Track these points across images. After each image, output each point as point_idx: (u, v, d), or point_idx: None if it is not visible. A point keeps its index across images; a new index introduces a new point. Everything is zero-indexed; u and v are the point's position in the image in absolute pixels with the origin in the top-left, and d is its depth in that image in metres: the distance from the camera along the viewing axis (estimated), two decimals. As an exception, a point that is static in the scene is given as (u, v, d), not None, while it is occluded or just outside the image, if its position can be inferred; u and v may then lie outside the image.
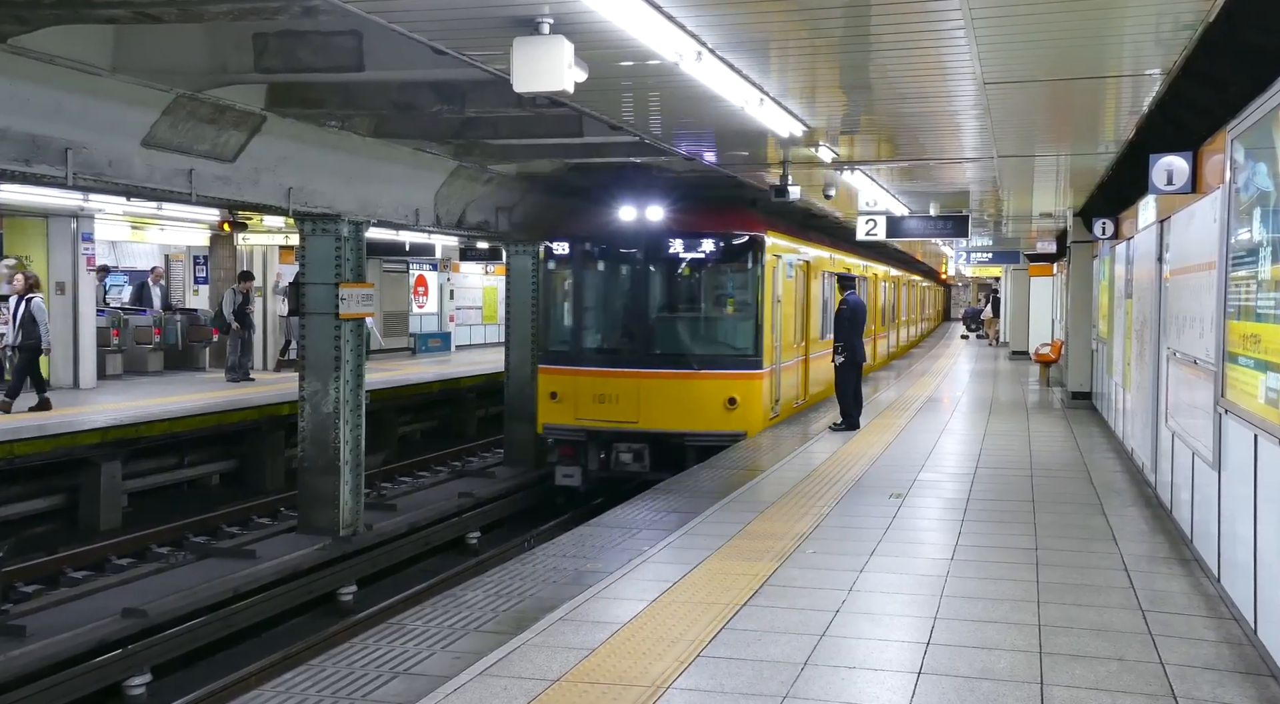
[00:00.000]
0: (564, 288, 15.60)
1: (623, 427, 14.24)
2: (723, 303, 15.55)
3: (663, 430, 14.08)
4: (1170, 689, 5.24)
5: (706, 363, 14.39)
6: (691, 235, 14.66)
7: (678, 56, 6.57)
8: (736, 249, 14.85)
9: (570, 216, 15.72)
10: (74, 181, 8.99)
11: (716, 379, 14.26)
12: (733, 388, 14.24)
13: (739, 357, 14.66)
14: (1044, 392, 21.64)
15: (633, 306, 14.97)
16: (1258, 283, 5.75)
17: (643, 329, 14.77)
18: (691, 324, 15.45)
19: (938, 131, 10.54)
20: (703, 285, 15.39)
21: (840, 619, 6.33)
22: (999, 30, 6.39)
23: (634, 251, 14.90)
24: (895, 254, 31.95)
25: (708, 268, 15.15)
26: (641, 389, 14.25)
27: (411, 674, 5.45)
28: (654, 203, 14.57)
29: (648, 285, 14.95)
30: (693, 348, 14.85)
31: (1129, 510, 9.64)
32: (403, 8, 5.98)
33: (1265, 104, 5.67)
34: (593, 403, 14.41)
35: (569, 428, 14.55)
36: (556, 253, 15.32)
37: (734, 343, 15.04)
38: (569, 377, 14.73)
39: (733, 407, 14.11)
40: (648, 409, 14.16)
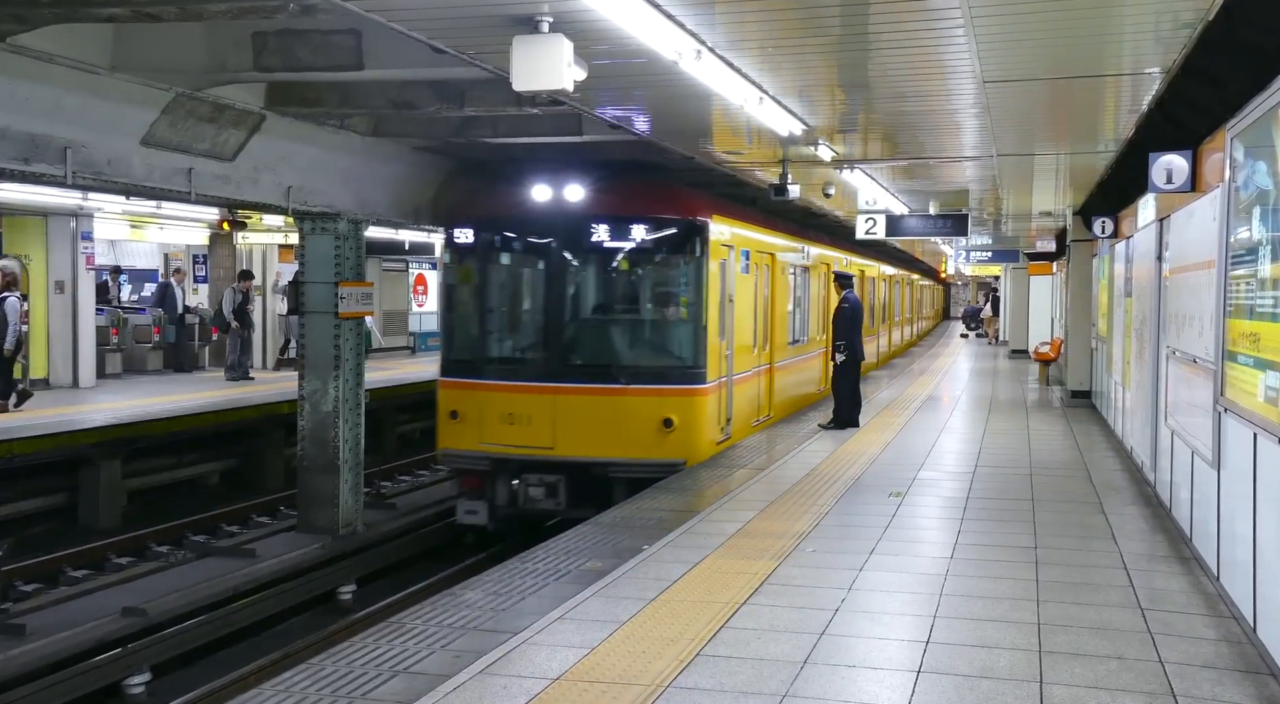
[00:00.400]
0: (465, 285, 13.15)
1: (535, 454, 11.86)
2: (657, 303, 12.84)
3: (583, 458, 11.71)
4: (1170, 688, 5.24)
5: (637, 376, 11.98)
6: (617, 220, 12.12)
7: (677, 55, 6.57)
8: (673, 237, 12.37)
9: (471, 198, 13.19)
10: (73, 180, 8.99)
11: (649, 396, 11.85)
12: (669, 406, 11.83)
13: (677, 368, 12.25)
14: (1043, 390, 21.65)
15: (546, 307, 12.56)
16: (1257, 281, 5.75)
17: (559, 335, 12.45)
18: (618, 329, 12.80)
19: (937, 130, 10.54)
20: (632, 281, 12.83)
21: (840, 618, 6.33)
22: (999, 29, 6.38)
23: (548, 240, 12.41)
24: (891, 251, 30.38)
25: (638, 260, 12.57)
26: (558, 408, 11.89)
27: (411, 673, 5.45)
28: (572, 180, 12.10)
29: (564, 281, 12.54)
30: (620, 358, 12.43)
31: (1128, 509, 9.65)
32: (402, 6, 5.98)
33: (1265, 102, 5.67)
34: (499, 424, 12.03)
35: (472, 454, 12.17)
36: (458, 241, 12.84)
37: (671, 351, 12.66)
38: (471, 392, 12.34)
39: (669, 429, 11.71)
40: (565, 432, 11.83)
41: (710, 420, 12.38)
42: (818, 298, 19.22)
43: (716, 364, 12.47)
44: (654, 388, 11.94)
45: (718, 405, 12.65)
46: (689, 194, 12.89)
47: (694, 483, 10.71)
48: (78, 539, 12.31)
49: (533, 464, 11.88)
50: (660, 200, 12.46)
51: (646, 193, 12.56)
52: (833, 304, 18.99)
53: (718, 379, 12.55)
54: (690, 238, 12.28)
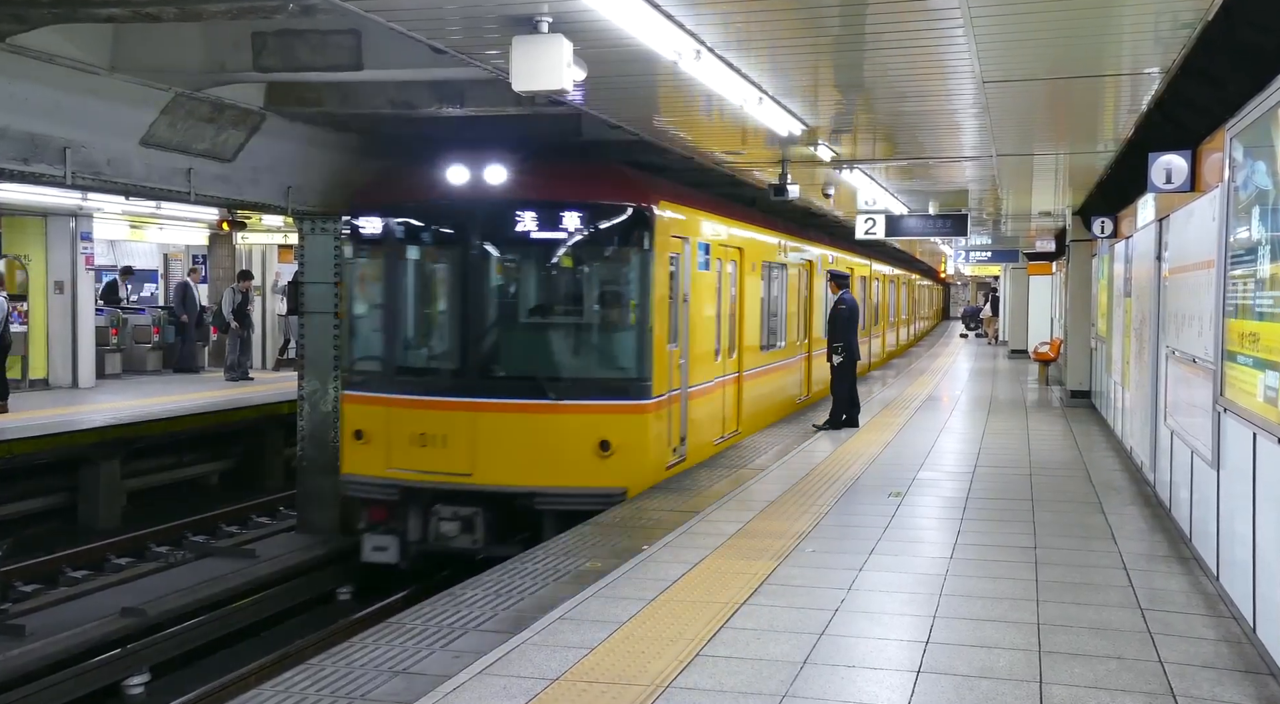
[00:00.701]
0: (370, 283, 11.39)
1: (452, 481, 10.21)
2: (593, 304, 11.04)
3: (505, 487, 10.06)
4: (1169, 687, 5.24)
5: (569, 390, 10.27)
6: (546, 206, 10.40)
7: (676, 55, 6.57)
8: (613, 226, 10.55)
9: (377, 182, 11.36)
10: (73, 180, 8.99)
11: (582, 414, 10.17)
12: (607, 426, 10.14)
13: (617, 381, 10.51)
14: (1043, 390, 21.66)
15: (463, 310, 10.74)
16: (1256, 281, 5.75)
17: (478, 343, 10.68)
18: (548, 335, 11.02)
19: (937, 130, 10.54)
20: (565, 279, 11.15)
21: (839, 618, 6.33)
22: (998, 29, 6.38)
23: (465, 231, 10.66)
24: (887, 249, 29.05)
25: (572, 253, 10.78)
26: (477, 428, 10.21)
27: (411, 673, 5.44)
28: (493, 160, 10.42)
29: (484, 279, 10.71)
30: (549, 369, 10.60)
31: (1128, 509, 9.65)
32: (401, 6, 5.98)
33: (1264, 102, 5.67)
34: (410, 446, 10.36)
35: (378, 481, 10.47)
36: (363, 232, 10.99)
37: (610, 361, 10.88)
38: (379, 408, 10.62)
39: (607, 453, 10.07)
40: (487, 456, 10.16)
41: (657, 441, 10.64)
42: (799, 298, 17.81)
43: (666, 375, 10.74)
44: (589, 404, 10.23)
45: (667, 423, 10.87)
46: (632, 176, 11.10)
47: (693, 483, 10.70)
48: (77, 540, 12.31)
49: (448, 493, 10.20)
50: (597, 183, 10.75)
51: (581, 175, 10.86)
52: (815, 304, 18.45)
53: (667, 393, 10.80)
54: (633, 227, 10.45)
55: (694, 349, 11.67)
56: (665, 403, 10.79)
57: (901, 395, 19.95)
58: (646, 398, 10.40)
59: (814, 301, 18.72)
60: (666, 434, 10.91)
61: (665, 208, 10.83)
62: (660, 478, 10.64)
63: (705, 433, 12.28)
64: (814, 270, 18.62)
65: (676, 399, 11.17)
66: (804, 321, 18.21)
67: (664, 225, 10.71)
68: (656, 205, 10.61)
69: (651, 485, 10.35)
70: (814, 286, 18.68)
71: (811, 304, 18.56)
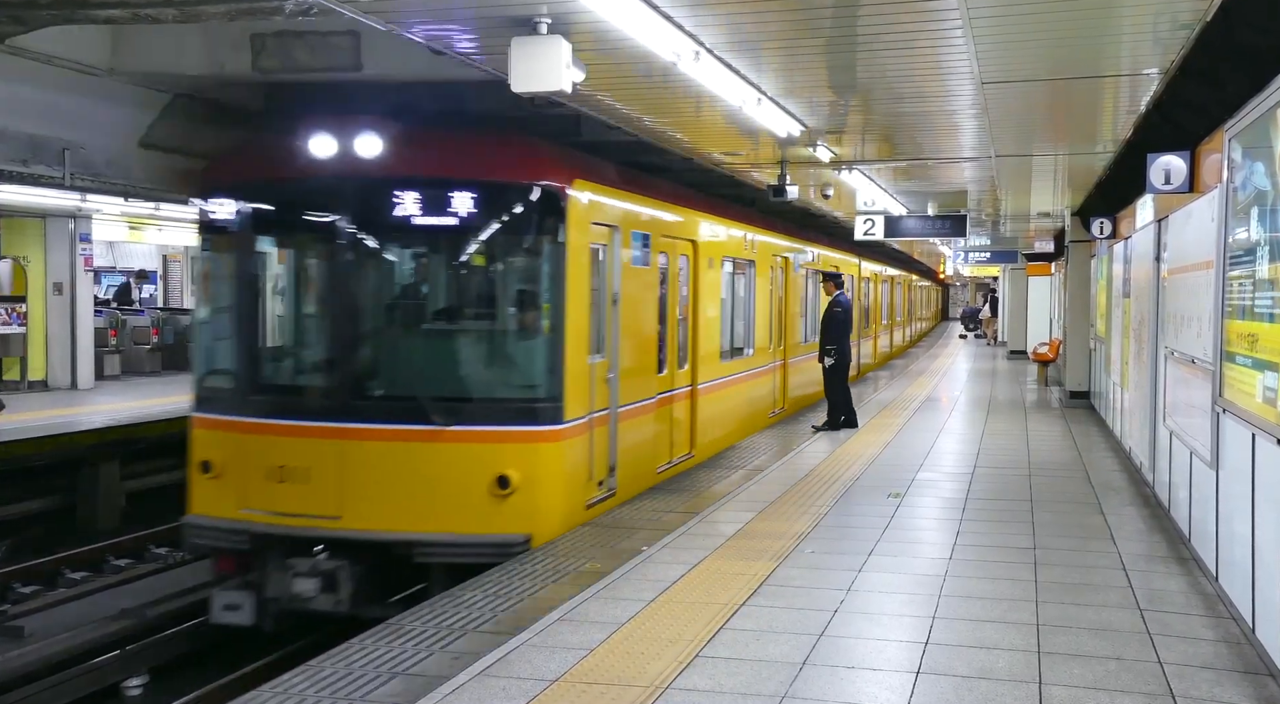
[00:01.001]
0: (222, 281, 9.33)
1: (315, 526, 8.29)
2: (490, 307, 9.12)
3: (380, 535, 8.21)
4: (1169, 688, 5.24)
5: (461, 414, 8.33)
6: (431, 185, 8.51)
7: (675, 56, 6.57)
8: (513, 210, 8.64)
9: (232, 156, 9.30)
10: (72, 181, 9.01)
11: (477, 442, 8.33)
12: (506, 457, 8.28)
13: (520, 402, 8.58)
14: (1042, 391, 21.66)
15: (331, 314, 8.86)
16: (1255, 282, 5.76)
17: (348, 354, 8.63)
18: (434, 345, 9.15)
19: (935, 131, 10.55)
20: (455, 276, 9.31)
21: (839, 619, 6.33)
22: (997, 30, 6.39)
23: (334, 216, 8.61)
24: (882, 247, 26.80)
25: (464, 243, 8.88)
26: (347, 460, 8.32)
27: (410, 675, 5.44)
28: (367, 129, 8.48)
29: (356, 275, 8.72)
30: (436, 388, 8.60)
31: (1127, 510, 9.65)
32: (400, 8, 5.98)
33: (1263, 103, 5.67)
34: (267, 482, 8.46)
35: (227, 525, 8.53)
36: (211, 218, 9.03)
37: (512, 378, 8.89)
38: (230, 435, 8.73)
39: (505, 491, 8.19)
40: (358, 496, 8.28)
41: (571, 475, 8.77)
42: (771, 299, 15.89)
43: (585, 393, 8.91)
44: (484, 431, 8.36)
45: (588, 452, 8.99)
46: (541, 148, 9.13)
47: (692, 484, 10.70)
48: (76, 541, 12.30)
49: (312, 541, 8.27)
50: (495, 156, 8.80)
51: (477, 146, 8.87)
52: (792, 305, 17.02)
53: (587, 415, 8.93)
54: (540, 211, 8.57)
55: (627, 361, 9.81)
56: (584, 427, 8.85)
57: (900, 396, 19.95)
58: (557, 422, 8.50)
59: (790, 303, 17.11)
60: (587, 465, 8.99)
61: (583, 188, 8.94)
62: (579, 519, 8.82)
63: (644, 460, 10.41)
64: (790, 268, 16.97)
65: (603, 422, 9.31)
66: (782, 324, 16.59)
67: (582, 210, 8.88)
68: (571, 185, 8.72)
69: (567, 530, 8.54)
70: (790, 286, 17.04)
71: (787, 306, 16.92)
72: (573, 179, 8.81)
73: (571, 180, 8.77)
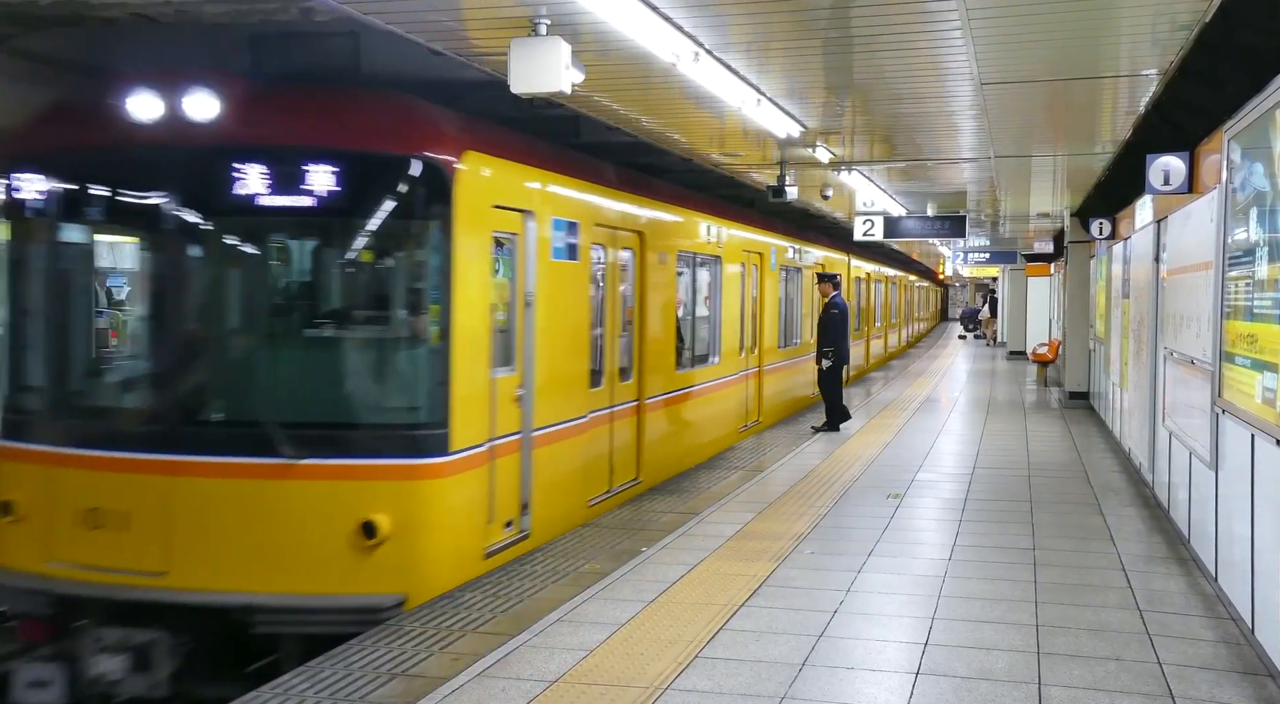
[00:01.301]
0: (27, 275, 7.37)
1: (135, 584, 6.55)
2: (358, 310, 7.20)
3: (215, 596, 6.49)
4: (1168, 689, 5.24)
5: (316, 444, 6.65)
6: (278, 156, 6.75)
7: (674, 57, 6.57)
8: (386, 189, 6.87)
9: (41, 120, 7.38)
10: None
11: (336, 479, 6.66)
12: (373, 498, 6.63)
13: (393, 428, 6.90)
14: (1041, 392, 21.67)
15: (154, 318, 7.22)
16: (1254, 282, 5.76)
17: (177, 369, 6.90)
18: (285, 358, 7.31)
19: (935, 132, 10.55)
20: (313, 271, 7.53)
21: (838, 620, 6.33)
22: (996, 31, 6.39)
23: (159, 195, 6.83)
24: (876, 245, 24.42)
25: (322, 230, 7.23)
26: (174, 502, 6.62)
27: (409, 675, 5.45)
28: (199, 84, 6.77)
29: (188, 272, 6.96)
30: (285, 411, 6.86)
31: (1126, 510, 9.65)
32: (400, 9, 5.98)
33: (1262, 104, 5.67)
34: (76, 529, 6.75)
35: (29, 583, 6.82)
36: (18, 196, 7.22)
37: (383, 398, 7.11)
38: (33, 469, 6.98)
39: (373, 541, 6.55)
40: (187, 547, 6.59)
41: (462, 518, 7.10)
42: (742, 299, 14.27)
43: (481, 415, 7.22)
44: (346, 465, 6.65)
45: (487, 487, 7.30)
46: (419, 110, 7.28)
47: (692, 485, 10.70)
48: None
49: (127, 607, 6.49)
50: (362, 120, 7.02)
51: (339, 107, 7.07)
52: (767, 306, 15.49)
53: (485, 441, 7.23)
54: (418, 190, 6.86)
55: (547, 374, 8.19)
56: (480, 458, 7.20)
57: (900, 397, 19.96)
58: (441, 453, 6.81)
59: (766, 303, 15.48)
60: (486, 504, 7.33)
61: (480, 162, 7.29)
62: (474, 572, 7.17)
63: (569, 493, 8.75)
64: (765, 264, 15.29)
65: (511, 449, 7.65)
66: (756, 328, 14.92)
67: (478, 189, 7.23)
68: (462, 158, 7.01)
69: (457, 585, 6.95)
70: (767, 285, 15.47)
71: (763, 307, 15.35)
72: (464, 150, 7.08)
73: (462, 152, 7.05)
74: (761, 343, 15.24)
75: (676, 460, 11.42)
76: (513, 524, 7.78)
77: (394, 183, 6.87)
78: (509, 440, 7.65)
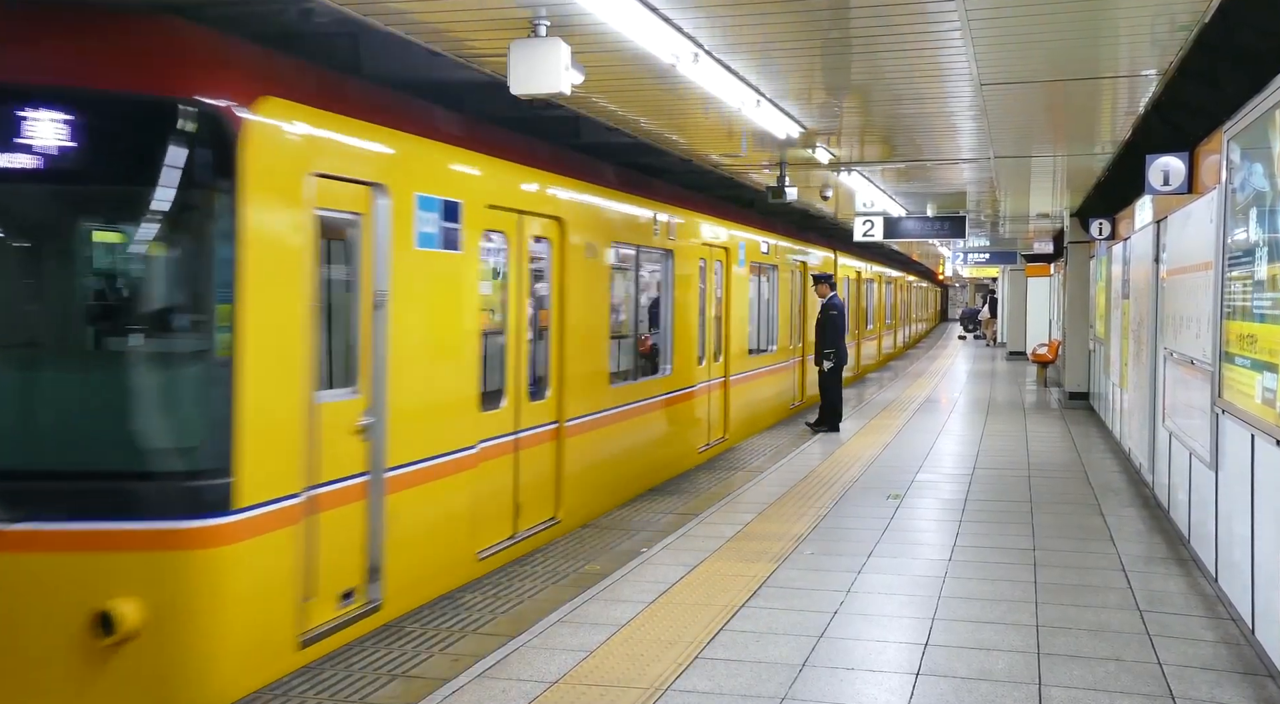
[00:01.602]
0: None
1: None
2: (108, 313, 5.54)
3: None
4: (1168, 689, 5.24)
5: (34, 502, 4.88)
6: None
7: (674, 58, 6.58)
8: (144, 148, 5.07)
9: None
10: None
11: (62, 551, 4.90)
12: (118, 577, 4.85)
13: (145, 479, 4.99)
14: (1041, 392, 21.67)
15: None
16: (1254, 283, 5.76)
17: None
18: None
19: (934, 133, 10.55)
20: (37, 260, 5.60)
21: (838, 620, 6.33)
22: (995, 31, 6.39)
23: None
24: (878, 246, 24.59)
25: (50, 203, 5.37)
26: None
27: (410, 676, 5.45)
28: None
29: None
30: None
31: (1126, 511, 9.65)
32: (399, 10, 5.98)
33: (1261, 104, 5.68)
34: None
35: None
36: None
37: (132, 436, 5.02)
38: None
39: (112, 638, 4.78)
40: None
41: (259, 599, 5.27)
42: (704, 300, 12.68)
43: (290, 455, 5.44)
44: (75, 530, 4.91)
45: (297, 555, 5.46)
46: (194, 39, 5.50)
47: (691, 485, 10.70)
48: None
49: None
50: (110, 49, 5.22)
51: (83, 32, 5.22)
52: (736, 308, 13.90)
53: (300, 491, 5.47)
54: (190, 147, 5.06)
55: (409, 396, 6.42)
56: (291, 513, 5.41)
57: (900, 397, 19.96)
58: (220, 512, 5.01)
59: (731, 305, 13.69)
60: (300, 575, 5.51)
61: (289, 113, 5.51)
62: (283, 668, 5.41)
63: (448, 544, 7.01)
64: (731, 261, 13.61)
65: (350, 497, 5.92)
66: (716, 335, 13.24)
67: (285, 150, 5.48)
68: (255, 105, 5.27)
69: (255, 689, 5.21)
70: (731, 284, 13.68)
71: (729, 309, 13.59)
72: (260, 94, 5.31)
73: (256, 97, 5.28)
74: (728, 350, 13.61)
75: (612, 492, 9.73)
76: (354, 595, 5.99)
77: (151, 137, 5.01)
78: (347, 486, 5.88)
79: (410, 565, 6.47)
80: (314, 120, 5.70)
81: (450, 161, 7.11)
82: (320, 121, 5.76)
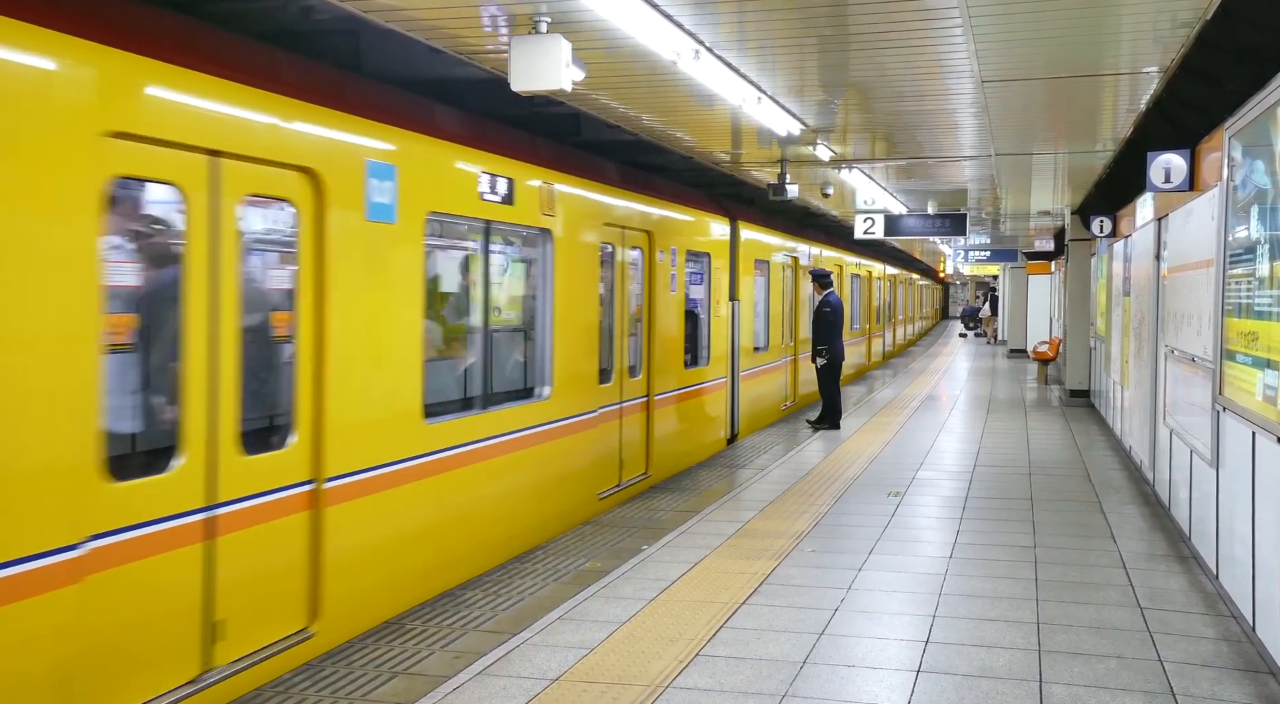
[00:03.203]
0: None
1: None
2: None
3: None
4: (1169, 686, 5.24)
5: None
6: None
7: (675, 55, 6.57)
8: None
9: None
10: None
11: None
12: None
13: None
14: (1042, 390, 21.66)
15: None
16: (1255, 280, 5.76)
17: None
18: None
19: (935, 130, 10.55)
20: None
21: (839, 617, 6.33)
22: (997, 28, 6.39)
23: None
24: (878, 244, 23.85)
25: None
26: None
27: (411, 674, 5.45)
28: None
29: None
30: None
31: (1127, 508, 9.65)
32: (400, 7, 5.98)
33: (1263, 102, 5.67)
34: None
35: None
36: None
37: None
38: None
39: None
40: None
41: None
42: (595, 300, 9.40)
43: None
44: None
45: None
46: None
47: (693, 483, 10.70)
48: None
49: None
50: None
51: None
52: (663, 311, 11.01)
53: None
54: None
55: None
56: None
57: (900, 395, 19.96)
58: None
59: (656, 308, 10.90)
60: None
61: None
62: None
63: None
64: (652, 249, 10.85)
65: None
66: (637, 347, 10.69)
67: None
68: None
69: None
70: (657, 280, 10.93)
71: (651, 312, 10.85)
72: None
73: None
74: (650, 365, 10.77)
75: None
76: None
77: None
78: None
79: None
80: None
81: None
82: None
